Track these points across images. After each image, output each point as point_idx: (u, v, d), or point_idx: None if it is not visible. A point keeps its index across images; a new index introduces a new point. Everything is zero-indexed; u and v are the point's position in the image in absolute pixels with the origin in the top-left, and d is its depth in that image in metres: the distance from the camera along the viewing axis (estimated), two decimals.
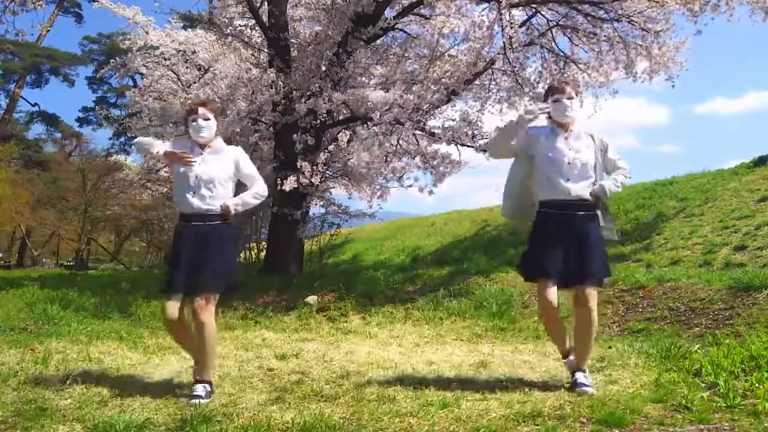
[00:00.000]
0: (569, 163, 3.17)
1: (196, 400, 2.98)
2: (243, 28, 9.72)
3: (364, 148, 8.69)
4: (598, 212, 3.21)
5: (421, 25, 9.07)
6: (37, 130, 33.49)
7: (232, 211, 3.25)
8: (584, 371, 3.18)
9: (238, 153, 3.39)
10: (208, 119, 3.27)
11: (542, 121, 3.33)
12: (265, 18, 8.77)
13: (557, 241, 3.14)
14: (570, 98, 3.22)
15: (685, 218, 8.63)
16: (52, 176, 28.49)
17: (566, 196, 3.15)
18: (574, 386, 3.11)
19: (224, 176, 3.27)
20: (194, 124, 3.27)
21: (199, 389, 3.08)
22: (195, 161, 3.22)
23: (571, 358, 3.28)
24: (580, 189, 3.17)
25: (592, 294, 3.13)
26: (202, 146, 3.30)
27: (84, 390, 3.18)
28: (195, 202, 3.21)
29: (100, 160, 25.63)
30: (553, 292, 3.14)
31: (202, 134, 3.26)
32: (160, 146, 3.29)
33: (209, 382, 3.17)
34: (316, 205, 9.72)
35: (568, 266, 3.11)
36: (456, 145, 8.48)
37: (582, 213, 3.17)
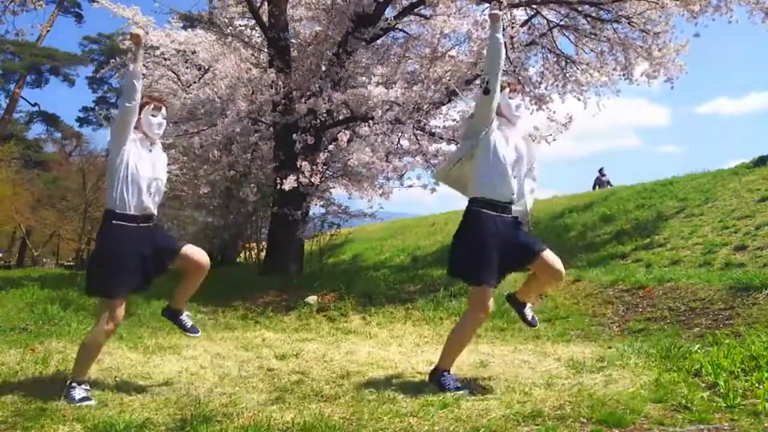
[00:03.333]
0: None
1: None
2: (243, 28, 9.71)
3: (368, 144, 8.67)
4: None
5: (422, 25, 9.06)
6: (37, 130, 33.64)
7: None
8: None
9: (164, 156, 3.37)
10: (165, 119, 3.28)
11: None
12: (265, 18, 8.76)
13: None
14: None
15: (685, 218, 8.63)
16: (52, 176, 28.55)
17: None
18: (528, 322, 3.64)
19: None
20: (153, 118, 3.20)
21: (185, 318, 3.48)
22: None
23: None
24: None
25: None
26: (151, 141, 3.23)
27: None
28: (148, 202, 3.14)
29: (100, 160, 25.63)
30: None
31: (158, 131, 3.22)
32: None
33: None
34: (316, 205, 9.71)
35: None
36: (457, 144, 8.48)
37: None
